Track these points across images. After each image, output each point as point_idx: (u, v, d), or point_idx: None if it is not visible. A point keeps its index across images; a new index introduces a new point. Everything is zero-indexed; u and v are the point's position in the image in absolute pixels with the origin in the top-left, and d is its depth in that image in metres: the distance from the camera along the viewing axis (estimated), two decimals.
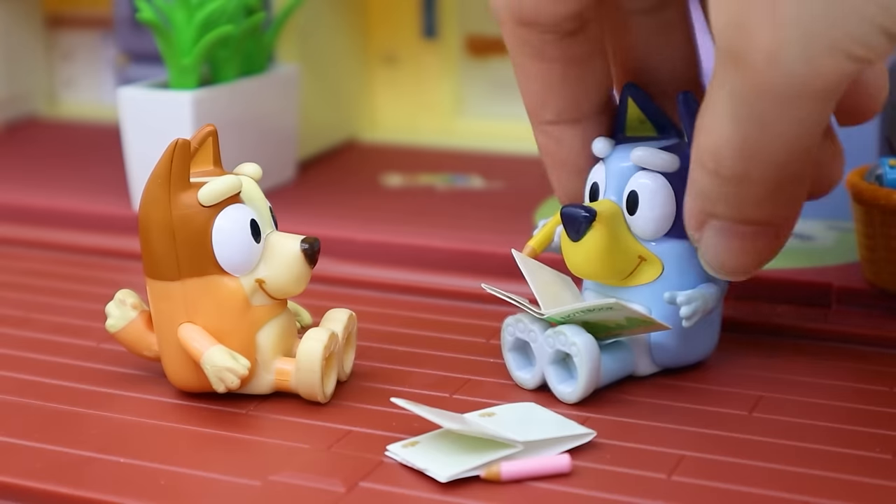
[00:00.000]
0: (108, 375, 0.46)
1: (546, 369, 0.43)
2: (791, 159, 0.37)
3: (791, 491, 0.37)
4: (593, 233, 0.42)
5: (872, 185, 0.48)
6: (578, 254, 0.42)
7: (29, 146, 0.77)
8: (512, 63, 0.44)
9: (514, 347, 0.44)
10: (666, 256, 0.43)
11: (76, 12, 0.84)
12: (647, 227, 0.43)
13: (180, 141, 0.42)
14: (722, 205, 0.39)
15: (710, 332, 0.44)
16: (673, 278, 0.43)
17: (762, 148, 0.37)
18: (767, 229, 0.39)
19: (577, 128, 0.44)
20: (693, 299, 0.42)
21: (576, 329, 0.42)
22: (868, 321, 0.48)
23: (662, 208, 0.42)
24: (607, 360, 0.42)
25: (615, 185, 0.43)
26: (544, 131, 0.45)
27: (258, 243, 0.42)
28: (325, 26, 0.73)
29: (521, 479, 0.37)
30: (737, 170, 0.37)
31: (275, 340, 0.43)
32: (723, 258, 0.40)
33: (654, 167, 0.42)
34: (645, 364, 0.44)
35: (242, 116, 0.63)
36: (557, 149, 0.45)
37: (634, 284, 0.43)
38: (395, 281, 0.55)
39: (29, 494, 0.38)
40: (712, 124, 0.37)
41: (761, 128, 0.36)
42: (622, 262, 0.43)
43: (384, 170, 0.69)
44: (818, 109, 0.36)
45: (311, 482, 0.38)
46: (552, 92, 0.43)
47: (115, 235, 0.61)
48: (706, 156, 0.38)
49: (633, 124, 0.44)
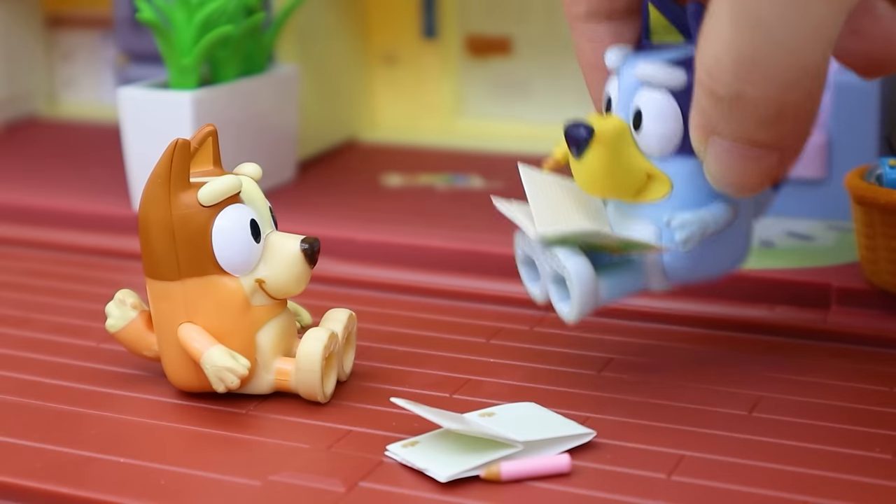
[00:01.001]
0: (108, 375, 0.46)
1: (548, 287, 0.42)
2: (796, 77, 0.35)
3: (791, 491, 0.37)
4: (593, 151, 0.41)
5: (872, 185, 0.48)
6: (581, 172, 0.41)
7: (29, 146, 0.77)
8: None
9: (525, 262, 0.44)
10: (674, 174, 0.41)
11: (76, 12, 0.84)
12: (652, 145, 0.41)
13: (180, 141, 0.42)
14: (723, 123, 0.37)
15: (729, 248, 0.43)
16: (683, 196, 0.41)
17: (763, 61, 0.35)
18: (771, 152, 0.38)
19: (609, 25, 0.42)
20: (688, 224, 0.41)
21: (568, 251, 0.41)
22: (868, 321, 0.48)
23: (667, 126, 0.41)
24: (611, 279, 0.42)
25: (624, 100, 0.42)
26: (578, 29, 0.43)
27: (258, 243, 0.42)
28: (325, 26, 0.73)
29: (521, 479, 0.37)
30: (734, 88, 0.35)
31: (275, 340, 0.43)
32: (725, 176, 0.38)
33: (658, 83, 0.41)
34: (658, 281, 0.43)
35: (242, 116, 0.63)
36: (590, 48, 0.43)
37: (644, 201, 0.42)
38: (395, 281, 0.55)
39: (29, 494, 0.38)
40: (711, 35, 0.35)
41: (763, 35, 0.34)
42: (627, 180, 0.41)
43: (384, 170, 0.69)
44: (829, 13, 0.34)
45: (311, 482, 0.38)
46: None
47: (115, 235, 0.61)
48: (702, 72, 0.36)
49: (658, 30, 0.42)
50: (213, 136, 0.44)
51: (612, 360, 0.46)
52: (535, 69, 0.74)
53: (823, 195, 0.57)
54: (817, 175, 0.57)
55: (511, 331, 0.49)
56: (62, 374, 0.46)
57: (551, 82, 0.74)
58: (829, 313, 0.49)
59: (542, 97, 0.74)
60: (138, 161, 0.61)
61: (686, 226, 0.41)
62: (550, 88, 0.74)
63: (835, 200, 0.56)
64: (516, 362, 0.46)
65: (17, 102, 0.83)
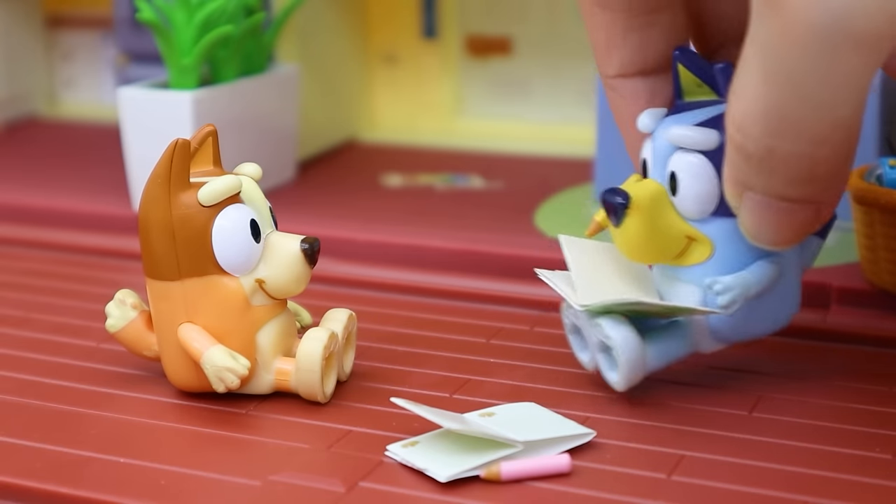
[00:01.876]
0: (108, 375, 0.46)
1: (596, 356, 0.42)
2: (826, 134, 0.34)
3: (791, 491, 0.37)
4: (631, 219, 0.41)
5: (872, 185, 0.48)
6: (620, 240, 0.41)
7: (29, 146, 0.77)
8: (581, 13, 0.42)
9: (572, 331, 0.44)
10: (715, 235, 0.41)
11: (76, 12, 0.84)
12: (690, 207, 0.41)
13: (180, 141, 0.42)
14: (755, 179, 0.36)
15: (778, 303, 0.42)
16: (725, 257, 0.41)
17: (791, 116, 0.34)
18: (807, 206, 0.37)
19: (642, 83, 0.42)
20: (730, 288, 0.41)
21: (613, 321, 0.41)
22: (868, 321, 0.48)
23: (703, 188, 0.41)
24: (659, 344, 0.42)
25: (659, 163, 0.41)
26: (610, 85, 0.43)
27: (258, 243, 0.42)
28: (325, 26, 0.73)
29: (521, 479, 0.37)
30: (763, 144, 0.35)
31: (275, 340, 0.43)
32: (761, 230, 0.38)
33: (691, 145, 0.40)
34: (707, 342, 0.43)
35: (242, 116, 0.63)
36: (623, 104, 0.43)
37: (687, 264, 0.42)
38: (395, 281, 0.55)
39: (29, 494, 0.38)
40: (741, 90, 0.35)
41: (792, 90, 0.33)
42: (667, 245, 0.41)
43: (384, 170, 0.69)
44: (859, 66, 0.33)
45: (311, 482, 0.38)
46: (615, 43, 0.42)
47: (115, 235, 0.61)
48: (732, 128, 0.36)
49: (689, 88, 0.42)
50: (213, 136, 0.44)
51: None
52: (535, 69, 0.74)
53: None
54: None
55: (511, 331, 0.49)
56: (62, 374, 0.46)
57: (551, 82, 0.74)
58: (829, 313, 0.49)
59: (542, 97, 0.74)
60: (138, 161, 0.61)
61: (728, 290, 0.41)
62: (550, 88, 0.74)
63: None
64: (516, 362, 0.46)
65: (17, 102, 0.83)
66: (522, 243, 0.56)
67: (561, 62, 0.73)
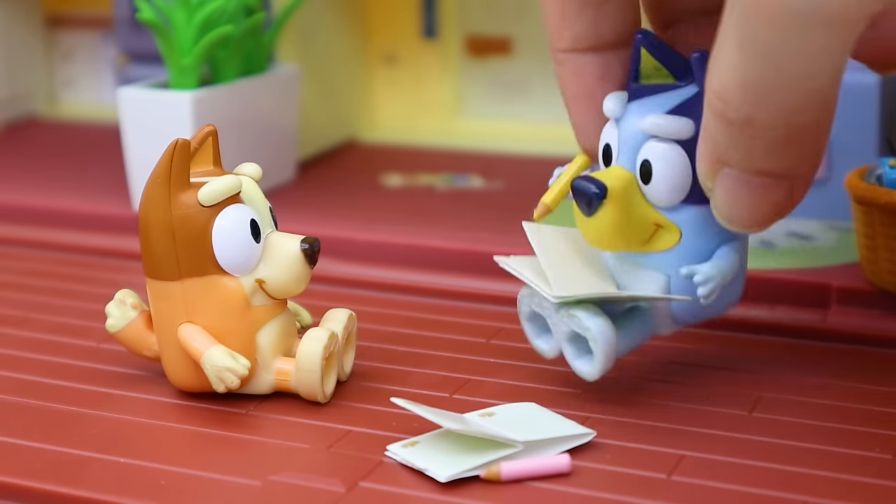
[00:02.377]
0: (108, 375, 0.46)
1: (563, 345, 0.42)
2: (802, 103, 0.34)
3: (791, 491, 0.37)
4: (605, 209, 0.40)
5: (872, 185, 0.48)
6: (591, 229, 0.41)
7: (29, 146, 0.77)
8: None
9: (531, 317, 0.43)
10: (683, 223, 0.41)
11: (76, 12, 0.84)
12: (662, 196, 0.41)
13: (180, 141, 0.42)
14: (732, 152, 0.36)
15: (731, 286, 0.42)
16: (691, 244, 0.41)
17: (768, 86, 0.34)
18: (781, 182, 0.37)
19: (595, 58, 0.42)
20: (710, 277, 0.41)
21: (588, 311, 0.41)
22: (868, 321, 0.48)
23: (677, 177, 0.40)
24: (625, 331, 0.42)
25: (628, 151, 0.41)
26: (560, 60, 0.42)
27: (258, 243, 0.42)
28: (325, 26, 0.73)
29: (521, 479, 0.37)
30: (742, 112, 0.35)
31: (275, 340, 0.43)
32: (734, 210, 0.38)
33: (667, 135, 0.40)
34: (667, 326, 0.43)
35: (242, 116, 0.63)
36: (573, 80, 0.42)
37: (652, 251, 0.42)
38: (395, 281, 0.55)
39: (29, 494, 0.38)
40: (720, 59, 0.35)
41: (766, 61, 0.34)
42: (637, 233, 0.41)
43: (384, 170, 0.69)
44: (831, 43, 0.33)
45: (311, 482, 0.38)
46: (570, 15, 0.41)
47: (115, 235, 0.61)
48: (712, 95, 0.36)
49: (647, 71, 0.41)
50: (213, 136, 0.44)
51: None
52: (535, 69, 0.74)
53: (823, 195, 0.57)
54: (817, 175, 0.57)
55: (511, 331, 0.49)
56: (62, 374, 0.46)
57: (551, 82, 0.74)
58: (829, 313, 0.49)
59: (541, 97, 0.74)
60: (138, 161, 0.61)
61: (710, 280, 0.41)
62: (550, 88, 0.74)
63: (835, 200, 0.56)
64: (516, 362, 0.46)
65: (17, 102, 0.83)
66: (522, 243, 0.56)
67: None
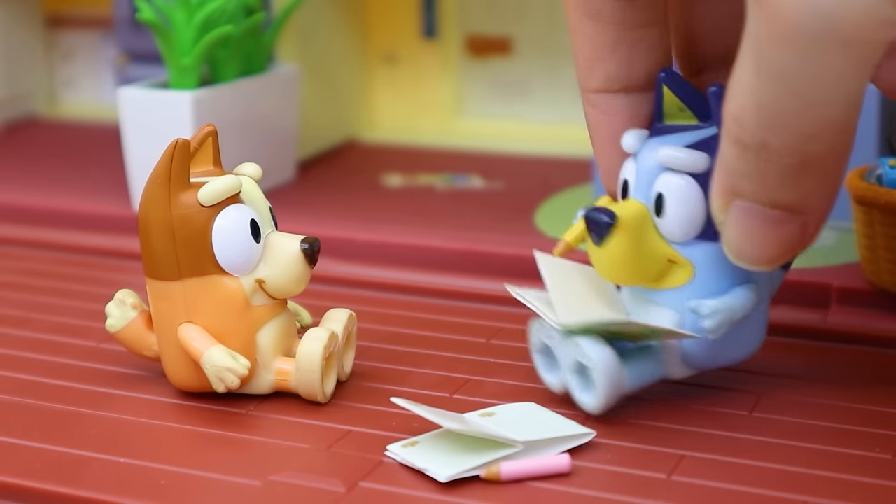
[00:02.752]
0: (108, 375, 0.46)
1: (567, 377, 0.41)
2: (818, 130, 0.34)
3: (791, 491, 0.37)
4: (616, 238, 0.40)
5: (872, 185, 0.48)
6: (602, 259, 0.41)
7: (29, 146, 0.77)
8: (569, 25, 0.42)
9: (541, 350, 0.43)
10: (697, 259, 0.41)
11: (76, 12, 0.84)
12: (675, 230, 0.41)
13: (180, 141, 0.42)
14: (747, 181, 0.36)
15: (748, 333, 0.42)
16: (705, 282, 0.41)
17: (783, 110, 0.34)
18: (794, 218, 0.37)
19: (625, 99, 0.42)
20: (717, 312, 0.40)
21: (592, 340, 0.40)
22: (868, 321, 0.48)
23: (690, 210, 0.40)
24: (633, 367, 0.41)
25: (643, 184, 0.41)
26: (591, 101, 0.42)
27: (258, 243, 0.42)
28: (325, 26, 0.73)
29: (521, 479, 0.37)
30: (758, 136, 0.34)
31: (275, 340, 0.43)
32: (745, 244, 0.37)
33: (681, 167, 0.40)
34: (678, 368, 0.42)
35: (242, 116, 0.63)
36: (603, 121, 0.42)
37: (665, 287, 0.41)
38: (395, 281, 0.55)
39: (29, 494, 0.38)
40: (737, 82, 0.35)
41: (782, 85, 0.33)
42: (649, 266, 0.41)
43: (384, 170, 0.69)
44: (847, 67, 0.32)
45: (311, 482, 0.38)
46: (603, 56, 0.41)
47: (115, 235, 0.61)
48: (729, 119, 0.35)
49: (671, 111, 0.41)
50: (213, 136, 0.44)
51: None
52: (535, 69, 0.74)
53: None
54: None
55: (511, 331, 0.49)
56: (62, 374, 0.46)
57: (551, 82, 0.74)
58: (829, 313, 0.49)
59: (542, 97, 0.74)
60: (138, 161, 0.61)
61: (715, 314, 0.40)
62: (550, 88, 0.74)
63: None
64: (516, 362, 0.46)
65: (17, 102, 0.83)
66: (522, 243, 0.56)
67: (561, 62, 0.73)
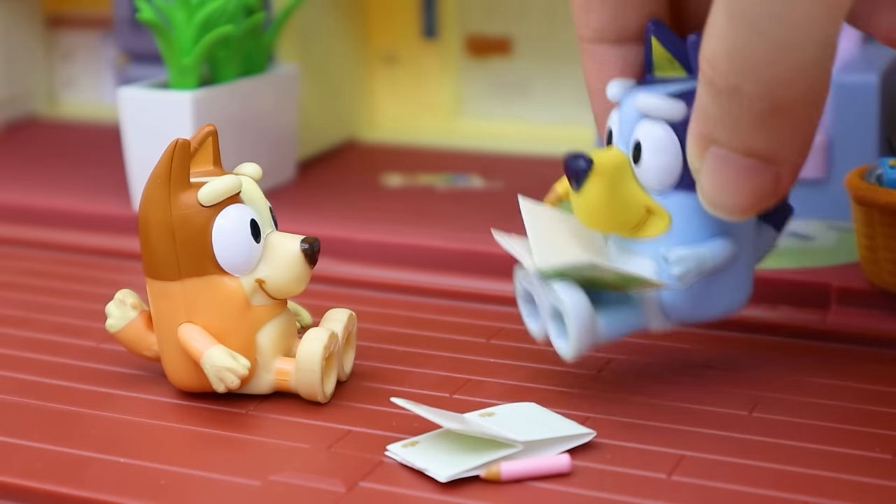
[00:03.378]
0: (108, 375, 0.46)
1: (547, 323, 0.42)
2: (788, 75, 0.34)
3: (791, 491, 0.37)
4: (592, 184, 0.40)
5: (872, 185, 0.48)
6: (580, 204, 0.41)
7: (29, 146, 0.77)
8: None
9: (524, 297, 0.43)
10: (674, 209, 0.41)
11: (76, 12, 0.84)
12: (652, 178, 0.41)
13: (180, 141, 0.42)
14: (721, 127, 0.36)
15: (731, 286, 0.42)
16: (681, 232, 0.41)
17: (754, 54, 0.34)
18: (768, 167, 0.37)
19: (618, 49, 0.42)
20: (684, 259, 0.40)
21: (566, 285, 0.40)
22: (868, 321, 0.48)
23: (666, 159, 0.40)
24: (610, 316, 0.41)
25: (625, 132, 0.41)
26: (585, 50, 0.43)
27: (258, 243, 0.42)
28: (325, 26, 0.73)
29: (521, 479, 0.37)
30: (730, 80, 0.35)
31: (275, 340, 0.43)
32: (719, 192, 0.38)
33: (658, 115, 0.40)
34: (657, 320, 0.42)
35: (242, 116, 0.63)
36: (597, 70, 0.43)
37: (643, 237, 0.41)
38: (395, 281, 0.55)
39: (29, 494, 0.38)
40: (711, 27, 0.35)
41: (752, 28, 0.33)
42: (626, 214, 0.41)
43: (384, 170, 0.69)
44: (815, 10, 0.33)
45: (311, 482, 0.38)
46: (594, 7, 0.42)
47: (115, 235, 0.61)
48: (703, 63, 0.36)
49: (660, 63, 0.41)
50: (213, 136, 0.44)
51: (611, 361, 0.46)
52: (535, 69, 0.74)
53: (823, 195, 0.57)
54: (817, 175, 0.57)
55: (511, 331, 0.49)
56: (62, 374, 0.46)
57: (551, 82, 0.74)
58: (829, 313, 0.49)
59: (542, 97, 0.74)
60: (138, 161, 0.61)
61: (683, 261, 0.40)
62: (550, 88, 0.74)
63: (835, 200, 0.56)
64: (516, 362, 0.46)
65: (17, 102, 0.83)
66: None
67: (561, 62, 0.73)
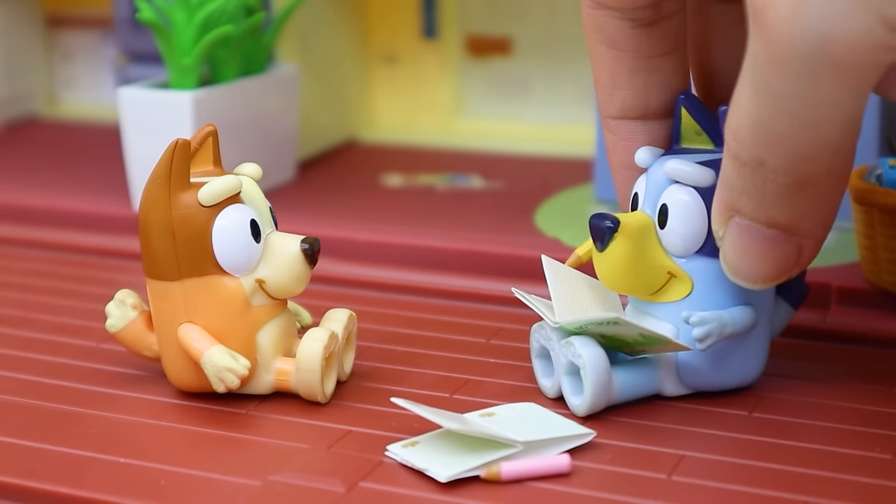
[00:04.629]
0: (108, 375, 0.46)
1: (561, 379, 0.42)
2: (813, 150, 0.35)
3: (791, 491, 0.37)
4: (617, 244, 0.40)
5: (872, 185, 0.48)
6: (603, 265, 0.41)
7: (29, 146, 0.77)
8: (588, 50, 0.42)
9: (541, 355, 0.43)
10: (696, 274, 0.41)
11: (76, 12, 0.84)
12: (676, 243, 0.41)
13: (180, 141, 0.42)
14: (745, 198, 0.37)
15: (747, 356, 0.42)
16: (703, 297, 0.41)
17: (779, 129, 0.34)
18: (791, 238, 0.37)
19: (642, 126, 0.42)
20: (707, 321, 0.40)
21: (585, 341, 0.41)
22: (868, 321, 0.48)
23: (692, 224, 0.41)
24: (626, 376, 0.41)
25: (651, 196, 0.41)
26: (610, 127, 0.43)
27: (258, 243, 0.42)
28: (325, 26, 0.73)
29: (521, 479, 0.37)
30: (755, 153, 0.35)
31: (275, 340, 0.43)
32: (741, 261, 0.38)
33: (687, 181, 0.41)
34: (672, 384, 0.42)
35: (242, 116, 0.63)
36: (621, 146, 0.43)
37: (664, 301, 0.41)
38: (395, 281, 0.55)
39: (29, 494, 0.38)
40: (737, 100, 0.35)
41: (777, 105, 0.34)
42: (649, 277, 0.41)
43: (384, 170, 0.69)
44: (840, 90, 0.33)
45: (311, 482, 0.38)
46: (620, 84, 0.42)
47: (115, 235, 0.61)
48: (729, 135, 0.36)
49: (688, 135, 0.42)
50: (213, 136, 0.44)
51: None
52: (535, 69, 0.74)
53: None
54: None
55: (511, 331, 0.49)
56: (62, 374, 0.46)
57: (551, 82, 0.74)
58: (829, 313, 0.49)
59: (542, 97, 0.74)
60: (138, 161, 0.61)
61: (705, 322, 0.40)
62: (550, 88, 0.74)
63: None
64: (516, 362, 0.46)
65: (17, 102, 0.83)
66: (522, 243, 0.56)
67: (561, 62, 0.73)
